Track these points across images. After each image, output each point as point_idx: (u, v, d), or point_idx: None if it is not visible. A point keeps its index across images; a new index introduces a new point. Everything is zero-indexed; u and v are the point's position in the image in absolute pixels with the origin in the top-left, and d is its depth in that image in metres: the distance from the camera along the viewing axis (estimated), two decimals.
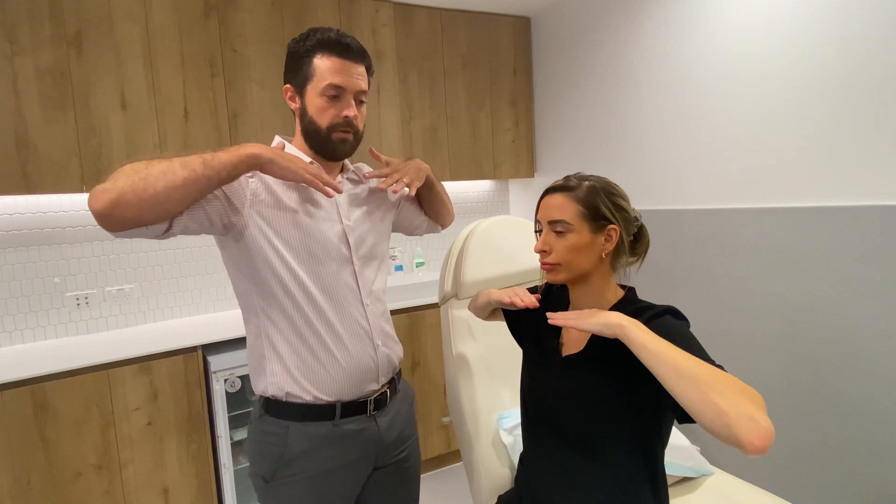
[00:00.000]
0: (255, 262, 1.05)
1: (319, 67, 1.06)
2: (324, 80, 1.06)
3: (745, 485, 1.40)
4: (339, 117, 1.08)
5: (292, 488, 1.08)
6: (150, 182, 0.87)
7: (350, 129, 1.10)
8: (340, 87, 1.07)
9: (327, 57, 1.06)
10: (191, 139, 2.16)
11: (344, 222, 1.14)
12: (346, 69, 1.07)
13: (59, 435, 1.79)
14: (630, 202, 1.06)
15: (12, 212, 2.09)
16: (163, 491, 1.97)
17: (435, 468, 2.63)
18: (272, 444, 1.09)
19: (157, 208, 0.89)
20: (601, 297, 1.05)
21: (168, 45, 2.11)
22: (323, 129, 1.08)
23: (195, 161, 0.91)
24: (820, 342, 1.75)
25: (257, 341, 1.11)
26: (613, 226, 1.01)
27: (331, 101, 1.07)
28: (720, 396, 0.74)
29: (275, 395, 1.09)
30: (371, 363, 1.13)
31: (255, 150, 0.97)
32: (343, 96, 1.08)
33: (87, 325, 2.25)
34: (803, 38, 1.75)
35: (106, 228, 0.88)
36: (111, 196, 0.85)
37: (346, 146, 1.11)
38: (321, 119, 1.08)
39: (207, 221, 0.99)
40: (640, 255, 1.08)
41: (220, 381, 2.02)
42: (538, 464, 1.11)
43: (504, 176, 3.05)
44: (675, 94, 2.22)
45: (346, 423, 1.10)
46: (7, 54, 1.84)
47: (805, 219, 1.77)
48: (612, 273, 1.06)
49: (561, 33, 2.84)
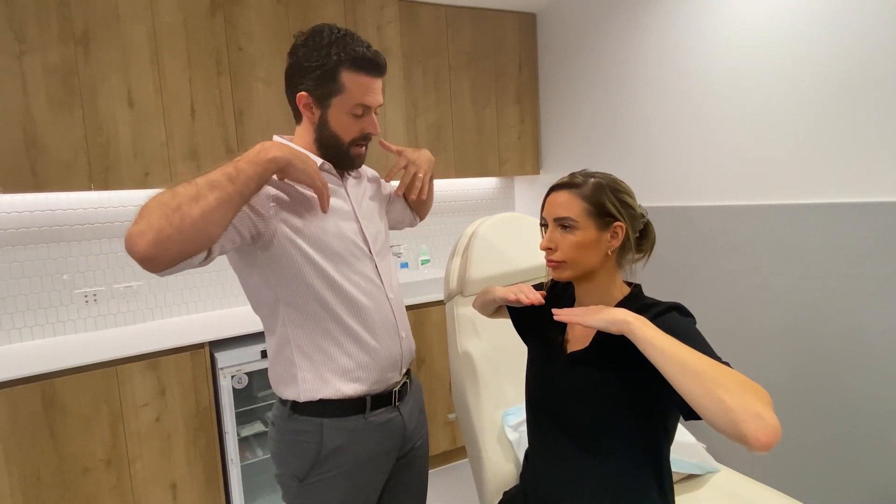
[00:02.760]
0: (283, 269, 1.03)
1: (349, 85, 1.04)
2: (353, 100, 1.04)
3: (750, 482, 1.39)
4: (363, 132, 1.09)
5: (329, 484, 1.09)
6: (184, 212, 0.83)
7: (367, 142, 1.12)
8: (368, 105, 1.07)
9: (358, 75, 1.04)
10: (197, 137, 2.17)
11: (359, 219, 1.15)
12: (373, 87, 1.06)
13: (69, 430, 1.81)
14: (636, 199, 1.06)
15: (21, 209, 2.11)
16: (171, 486, 1.99)
17: (440, 464, 2.64)
18: (306, 443, 1.08)
19: (199, 236, 0.85)
20: (607, 293, 1.05)
21: (174, 44, 2.12)
22: (345, 144, 1.09)
23: (221, 180, 0.87)
24: (826, 339, 1.74)
25: (284, 349, 1.09)
26: (619, 223, 1.01)
27: (356, 118, 1.07)
28: (726, 393, 0.74)
29: (310, 399, 1.08)
30: (398, 354, 1.15)
31: (272, 153, 0.93)
32: (367, 113, 1.08)
33: (95, 322, 2.27)
34: (809, 34, 1.74)
35: (152, 271, 0.85)
36: (150, 236, 0.81)
37: (361, 159, 1.14)
38: (345, 134, 1.08)
39: (239, 237, 0.97)
40: (647, 252, 1.08)
41: (228, 378, 2.03)
42: (543, 460, 1.11)
43: (509, 173, 3.04)
44: (681, 90, 2.21)
45: (375, 415, 1.12)
46: (15, 53, 1.86)
47: (812, 215, 1.76)
48: (618, 270, 1.06)
49: (566, 29, 2.83)
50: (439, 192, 3.08)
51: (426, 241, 3.07)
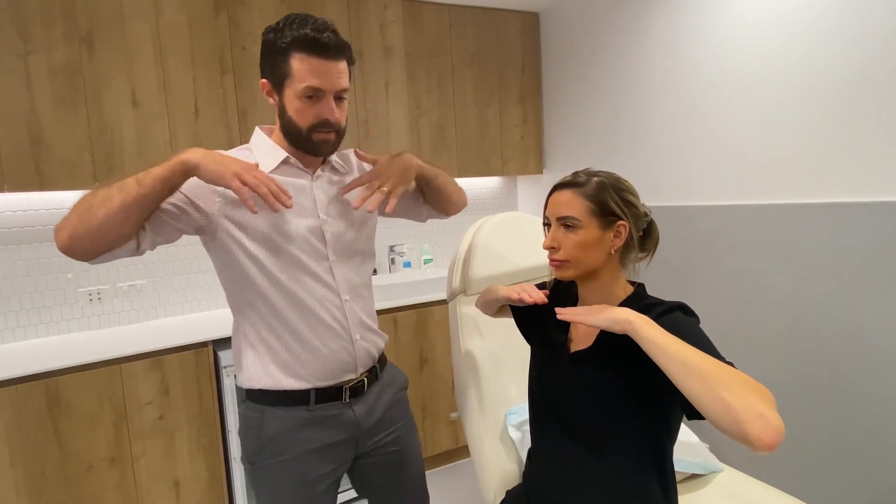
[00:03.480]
0: (227, 264, 1.09)
1: (296, 68, 1.01)
2: (302, 82, 1.02)
3: (754, 482, 1.39)
4: (319, 118, 1.05)
5: (275, 470, 1.11)
6: (93, 212, 0.91)
7: (331, 128, 1.07)
8: (319, 89, 1.03)
9: (305, 57, 1.00)
10: (201, 136, 2.18)
11: (321, 217, 1.12)
12: (324, 69, 1.02)
13: (73, 428, 1.82)
14: (640, 197, 1.06)
15: (26, 208, 2.12)
16: (174, 484, 1.99)
17: (443, 464, 2.64)
18: (252, 428, 1.12)
19: (105, 236, 0.93)
20: (610, 293, 1.05)
21: (178, 43, 2.13)
22: (303, 131, 1.06)
23: (130, 182, 0.92)
24: (830, 339, 1.74)
25: (235, 336, 1.16)
26: (623, 222, 1.01)
27: (309, 102, 1.04)
28: (729, 392, 0.74)
29: (251, 387, 1.12)
30: (347, 357, 1.14)
31: (185, 155, 0.95)
32: (322, 97, 1.04)
33: (99, 321, 2.28)
34: (812, 33, 1.73)
35: (77, 259, 0.94)
36: (66, 232, 0.91)
37: (328, 146, 1.09)
38: (301, 121, 1.05)
39: (177, 231, 1.02)
40: (650, 251, 1.08)
41: (231, 376, 2.03)
42: (546, 459, 1.12)
43: (512, 172, 3.04)
44: (684, 90, 2.20)
45: (320, 409, 1.12)
46: (21, 53, 1.86)
47: (815, 215, 1.76)
48: (622, 269, 1.06)
49: (570, 29, 2.83)
50: None
51: (429, 241, 3.07)
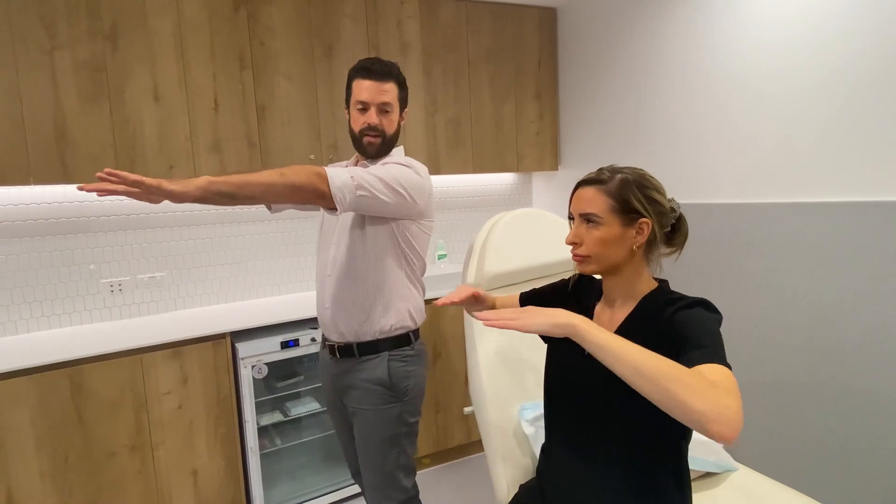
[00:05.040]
0: None
1: (353, 88, 1.46)
2: (354, 97, 1.45)
3: (769, 481, 1.39)
4: (366, 124, 1.44)
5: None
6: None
7: (376, 133, 1.44)
8: (365, 101, 1.43)
9: (358, 79, 1.44)
10: (220, 131, 2.21)
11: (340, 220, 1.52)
12: (370, 88, 1.42)
13: (95, 416, 1.86)
14: (666, 193, 1.05)
15: (51, 200, 2.17)
16: (192, 472, 2.03)
17: (456, 457, 2.66)
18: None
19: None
20: (633, 287, 1.05)
21: (198, 39, 2.16)
22: (356, 134, 1.47)
23: None
24: (848, 340, 1.71)
25: None
26: (645, 219, 1.01)
27: (360, 112, 1.45)
28: (686, 392, 0.74)
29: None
30: (325, 319, 1.54)
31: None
32: (368, 109, 1.43)
33: (120, 311, 2.32)
34: (836, 30, 1.71)
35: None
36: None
37: (373, 147, 1.47)
38: (355, 126, 1.47)
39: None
40: (678, 247, 1.08)
41: (248, 368, 2.07)
42: (561, 453, 1.12)
43: (528, 169, 3.04)
44: (704, 87, 2.18)
45: (323, 350, 1.61)
46: (47, 48, 1.90)
47: (835, 214, 1.73)
48: (646, 264, 1.06)
49: (588, 24, 2.81)
50: (457, 187, 3.10)
51: (443, 237, 3.08)
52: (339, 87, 2.44)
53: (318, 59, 2.39)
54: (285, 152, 2.34)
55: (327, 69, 2.42)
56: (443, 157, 2.74)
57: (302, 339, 2.18)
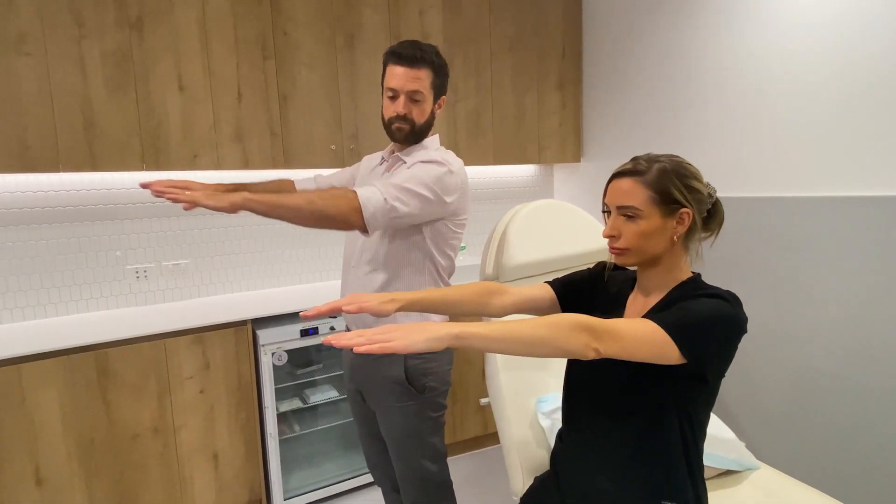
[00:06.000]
0: None
1: (386, 73, 1.39)
2: (386, 84, 1.39)
3: (790, 480, 1.36)
4: (395, 112, 1.38)
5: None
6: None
7: (405, 121, 1.39)
8: (394, 89, 1.37)
9: (391, 65, 1.37)
10: (243, 121, 2.23)
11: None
12: (401, 74, 1.35)
13: (120, 398, 1.91)
14: (702, 178, 1.02)
15: (79, 188, 2.22)
16: (213, 456, 2.07)
17: (471, 449, 2.66)
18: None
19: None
20: (670, 277, 1.03)
21: (222, 29, 2.17)
22: (386, 121, 1.42)
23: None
24: (878, 337, 1.66)
25: None
26: (686, 209, 0.98)
27: (391, 100, 1.39)
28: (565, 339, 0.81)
29: None
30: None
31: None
32: (398, 97, 1.37)
33: (145, 297, 2.37)
34: (870, 20, 1.64)
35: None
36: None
37: (401, 133, 1.41)
38: (386, 113, 1.42)
39: None
40: (714, 231, 1.05)
41: (269, 355, 2.09)
42: (576, 437, 1.12)
43: (549, 160, 3.00)
44: (736, 77, 2.12)
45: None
46: (76, 38, 1.94)
47: (866, 209, 1.68)
48: (685, 252, 1.04)
49: (614, 12, 2.75)
50: (478, 178, 3.08)
51: None
52: (361, 77, 2.44)
53: (339, 49, 2.40)
54: (307, 142, 2.35)
55: (349, 59, 2.42)
56: (463, 148, 2.72)
57: (321, 327, 2.20)
